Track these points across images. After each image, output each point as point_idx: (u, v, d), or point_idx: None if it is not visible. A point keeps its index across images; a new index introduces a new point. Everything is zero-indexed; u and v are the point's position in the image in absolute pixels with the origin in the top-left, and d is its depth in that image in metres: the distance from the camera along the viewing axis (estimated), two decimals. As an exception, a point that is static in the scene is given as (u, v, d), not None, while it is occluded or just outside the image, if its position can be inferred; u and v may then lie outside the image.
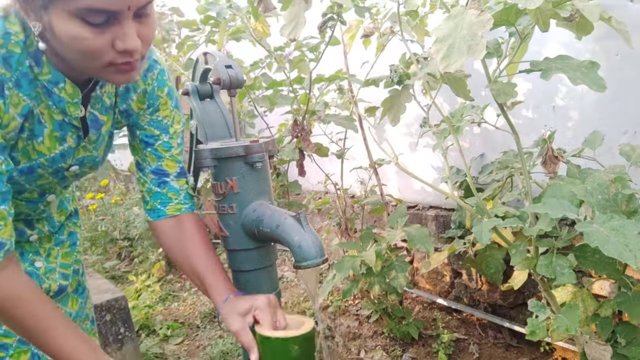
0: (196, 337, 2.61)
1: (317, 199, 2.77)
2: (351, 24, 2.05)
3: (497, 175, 1.76)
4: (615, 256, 1.00)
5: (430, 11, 1.91)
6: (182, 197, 1.14)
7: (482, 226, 1.32)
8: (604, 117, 1.75)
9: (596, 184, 1.21)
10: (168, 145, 1.12)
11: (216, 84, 1.19)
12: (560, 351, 1.95)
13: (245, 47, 2.35)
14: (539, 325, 1.26)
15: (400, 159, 2.32)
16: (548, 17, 1.16)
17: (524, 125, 1.97)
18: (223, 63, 1.18)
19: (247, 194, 1.15)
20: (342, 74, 2.08)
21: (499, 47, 1.35)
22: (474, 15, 1.08)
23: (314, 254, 1.00)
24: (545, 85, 1.86)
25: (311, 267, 1.00)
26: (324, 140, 2.31)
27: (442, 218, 2.37)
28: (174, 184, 1.13)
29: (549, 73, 1.17)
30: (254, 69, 2.18)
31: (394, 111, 1.86)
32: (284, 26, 1.53)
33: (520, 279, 1.80)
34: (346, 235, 2.43)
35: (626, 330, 1.32)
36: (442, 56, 1.10)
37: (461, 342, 2.17)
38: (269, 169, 1.20)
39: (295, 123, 2.03)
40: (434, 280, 2.50)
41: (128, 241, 3.70)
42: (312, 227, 1.05)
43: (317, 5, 1.60)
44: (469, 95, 1.58)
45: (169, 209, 1.12)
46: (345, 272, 1.90)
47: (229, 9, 1.89)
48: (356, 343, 2.29)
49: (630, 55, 1.61)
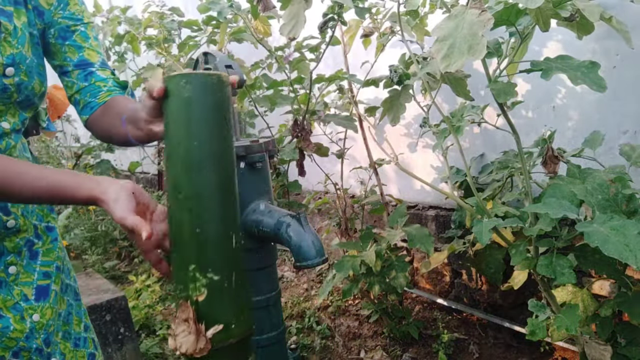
0: (196, 337, 2.61)
1: (317, 199, 2.77)
2: (351, 24, 2.05)
3: (497, 175, 1.76)
4: (615, 256, 1.00)
5: (430, 11, 1.91)
6: (110, 84, 1.09)
7: (482, 226, 1.32)
8: (604, 117, 1.75)
9: (596, 184, 1.21)
10: (85, 34, 1.09)
11: (216, 84, 1.19)
12: (560, 351, 1.95)
13: (247, 48, 2.35)
14: (539, 325, 1.26)
15: (400, 159, 2.32)
16: (549, 17, 1.16)
17: (524, 125, 1.97)
18: (223, 63, 1.18)
19: (247, 194, 1.15)
20: (342, 74, 2.08)
21: (499, 47, 1.35)
22: (474, 14, 1.08)
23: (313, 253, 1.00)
24: (545, 85, 1.86)
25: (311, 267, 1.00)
26: (324, 140, 2.31)
27: (442, 218, 2.37)
28: (99, 73, 1.09)
29: (549, 73, 1.17)
30: (255, 69, 2.18)
31: (394, 111, 1.86)
32: (284, 25, 1.53)
33: (520, 279, 1.80)
34: (346, 235, 2.43)
35: (626, 330, 1.32)
36: (442, 56, 1.10)
37: (461, 342, 2.17)
38: (269, 169, 1.21)
39: (296, 123, 2.03)
40: (434, 280, 2.50)
41: (128, 241, 3.69)
42: (312, 227, 1.05)
43: (317, 5, 1.60)
44: (469, 95, 1.58)
45: (100, 97, 1.07)
46: (345, 272, 1.90)
47: (230, 9, 1.89)
48: (356, 343, 2.29)
49: (631, 55, 1.62)
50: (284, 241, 1.04)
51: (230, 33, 2.09)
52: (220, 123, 0.77)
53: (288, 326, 2.47)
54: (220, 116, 0.77)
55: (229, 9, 1.89)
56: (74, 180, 0.82)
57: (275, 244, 1.23)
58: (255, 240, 1.16)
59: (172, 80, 0.76)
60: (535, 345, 2.00)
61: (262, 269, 1.20)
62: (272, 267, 1.23)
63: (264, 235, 1.11)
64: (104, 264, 3.66)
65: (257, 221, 1.11)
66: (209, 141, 0.76)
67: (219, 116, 0.77)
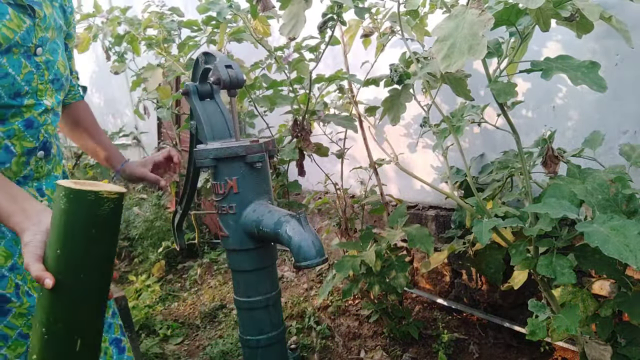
0: (196, 337, 2.61)
1: (317, 199, 2.77)
2: (351, 24, 2.05)
3: (497, 175, 1.76)
4: (615, 256, 1.00)
5: (430, 11, 1.90)
6: (76, 87, 1.38)
7: (482, 226, 1.32)
8: (604, 117, 1.75)
9: (596, 184, 1.21)
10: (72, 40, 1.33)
11: (216, 84, 1.19)
12: (560, 351, 1.95)
13: (246, 48, 2.35)
14: (539, 325, 1.26)
15: (400, 159, 2.31)
16: (549, 16, 1.16)
17: (524, 125, 1.97)
18: (223, 63, 1.18)
19: (247, 194, 1.15)
20: (342, 74, 2.08)
21: (499, 46, 1.35)
22: (474, 14, 1.08)
23: (313, 253, 1.00)
24: (545, 85, 1.86)
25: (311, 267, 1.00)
26: (324, 140, 2.31)
27: (442, 218, 2.37)
28: (73, 80, 1.34)
29: (549, 73, 1.17)
30: (255, 69, 2.18)
31: (394, 111, 1.85)
32: (284, 25, 1.52)
33: (520, 279, 1.80)
34: (346, 235, 2.43)
35: (626, 330, 1.32)
36: (443, 56, 1.10)
37: (461, 342, 2.17)
38: (268, 169, 1.21)
39: (295, 123, 2.03)
40: (434, 280, 2.50)
41: (128, 241, 3.70)
42: (312, 227, 1.05)
43: (316, 5, 1.60)
44: (469, 95, 1.58)
45: (68, 99, 1.35)
46: (345, 272, 1.90)
47: (229, 9, 1.89)
48: (356, 343, 2.29)
49: (631, 54, 1.61)
50: (284, 241, 1.04)
51: (229, 33, 2.09)
52: (87, 238, 0.82)
53: (288, 326, 2.47)
54: (89, 232, 0.82)
55: (228, 9, 1.89)
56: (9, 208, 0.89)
57: (275, 244, 1.23)
58: (255, 240, 1.16)
59: (57, 188, 0.82)
60: (535, 345, 2.00)
61: (262, 269, 1.20)
62: (272, 267, 1.23)
63: (264, 235, 1.11)
64: (104, 264, 3.65)
65: (257, 221, 1.11)
66: (69, 253, 0.81)
67: (87, 231, 0.82)
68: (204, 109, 1.28)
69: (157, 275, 3.34)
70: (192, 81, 1.33)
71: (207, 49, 1.40)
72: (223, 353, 2.34)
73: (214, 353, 2.33)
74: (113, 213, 0.82)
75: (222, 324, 2.68)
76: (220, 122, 1.30)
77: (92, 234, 0.81)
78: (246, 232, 1.15)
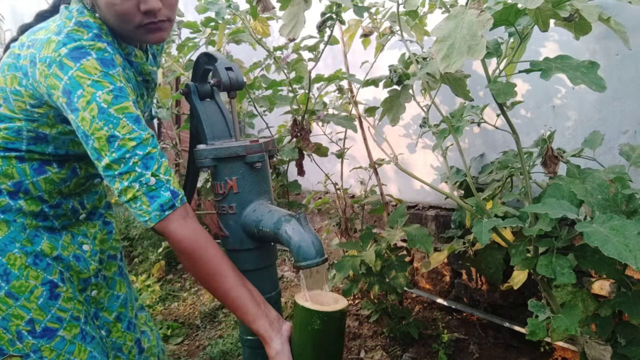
0: (196, 337, 2.61)
1: (317, 199, 2.77)
2: (350, 24, 2.05)
3: (497, 175, 1.76)
4: (615, 256, 1.00)
5: (430, 11, 1.91)
6: None
7: (482, 226, 1.32)
8: (603, 117, 1.75)
9: (596, 184, 1.21)
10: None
11: (216, 86, 1.19)
12: (560, 351, 1.95)
13: (246, 48, 2.35)
14: (539, 325, 1.26)
15: (400, 159, 2.32)
16: (548, 17, 1.16)
17: (524, 125, 1.97)
18: (223, 65, 1.18)
19: (247, 194, 1.15)
20: (341, 73, 2.08)
21: (498, 47, 1.35)
22: (474, 15, 1.08)
23: (313, 253, 1.00)
24: (544, 85, 1.86)
25: (311, 267, 1.00)
26: (324, 140, 2.31)
27: (442, 218, 2.37)
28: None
29: (549, 73, 1.17)
30: (254, 69, 2.18)
31: (394, 111, 1.85)
32: (283, 26, 1.52)
33: (520, 278, 1.80)
34: (346, 235, 2.43)
35: (626, 330, 1.32)
36: (442, 56, 1.10)
37: (461, 342, 2.17)
38: (268, 169, 1.21)
39: (295, 123, 2.03)
40: (434, 280, 2.50)
41: (128, 241, 3.70)
42: (312, 227, 1.05)
43: (316, 5, 1.60)
44: (468, 95, 1.58)
45: None
46: (345, 272, 1.90)
47: (229, 9, 1.89)
48: (356, 343, 2.29)
49: (631, 55, 1.62)
50: (284, 241, 1.04)
51: (228, 34, 2.09)
52: (338, 348, 1.03)
53: (288, 326, 2.47)
54: (339, 342, 1.03)
55: (227, 9, 1.89)
56: (255, 311, 1.01)
57: (275, 244, 1.23)
58: (255, 240, 1.16)
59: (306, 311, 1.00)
60: (535, 345, 2.00)
61: (262, 269, 1.20)
62: (272, 267, 1.23)
63: (264, 235, 1.11)
64: (104, 264, 3.65)
65: (256, 221, 1.11)
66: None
67: (337, 343, 1.03)
68: (204, 109, 1.28)
69: (157, 275, 3.34)
70: (192, 81, 1.33)
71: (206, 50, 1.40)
72: (223, 353, 2.34)
73: (214, 353, 2.33)
74: (325, 325, 0.98)
75: (222, 324, 2.68)
76: (220, 122, 1.30)
77: (339, 342, 1.01)
78: (246, 232, 1.15)
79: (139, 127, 0.98)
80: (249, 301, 1.01)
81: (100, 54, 0.98)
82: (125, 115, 0.96)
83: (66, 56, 0.95)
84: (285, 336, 1.01)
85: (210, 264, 1.00)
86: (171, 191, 0.98)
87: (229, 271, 1.02)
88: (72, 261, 1.18)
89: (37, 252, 1.11)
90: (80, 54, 0.96)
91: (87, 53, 0.97)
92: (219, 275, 1.01)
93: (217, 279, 1.01)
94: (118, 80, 0.98)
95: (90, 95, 0.94)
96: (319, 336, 0.97)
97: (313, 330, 0.97)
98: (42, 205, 1.12)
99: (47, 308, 1.10)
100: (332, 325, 0.98)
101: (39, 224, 1.13)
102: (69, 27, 1.00)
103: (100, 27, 1.03)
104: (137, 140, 0.96)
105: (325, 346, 0.99)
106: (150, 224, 0.97)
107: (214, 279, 1.01)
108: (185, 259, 1.00)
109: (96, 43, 0.99)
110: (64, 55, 0.95)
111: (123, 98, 0.97)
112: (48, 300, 1.10)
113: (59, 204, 1.16)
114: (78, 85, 0.94)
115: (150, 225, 0.98)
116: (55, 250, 1.15)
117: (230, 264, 1.03)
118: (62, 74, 0.95)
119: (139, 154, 0.96)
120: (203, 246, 1.00)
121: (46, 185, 1.11)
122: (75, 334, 1.13)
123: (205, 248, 1.00)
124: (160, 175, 0.98)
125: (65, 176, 1.14)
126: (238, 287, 1.01)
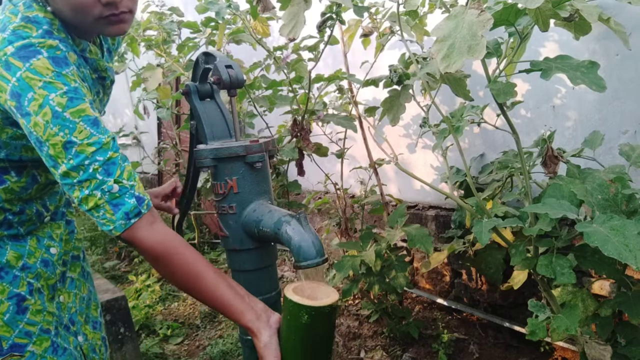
0: (196, 337, 2.61)
1: (317, 199, 2.77)
2: (350, 24, 2.05)
3: (497, 175, 1.76)
4: (615, 256, 1.00)
5: (430, 11, 1.90)
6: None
7: (482, 226, 1.32)
8: (603, 117, 1.75)
9: (596, 184, 1.21)
10: None
11: (216, 84, 1.19)
12: (560, 351, 1.95)
13: (246, 48, 2.35)
14: (539, 325, 1.26)
15: (400, 159, 2.32)
16: (548, 17, 1.16)
17: (524, 125, 1.97)
18: (223, 63, 1.18)
19: (247, 194, 1.15)
20: (341, 73, 2.08)
21: (498, 47, 1.35)
22: (474, 15, 1.08)
23: (314, 253, 1.00)
24: (544, 85, 1.86)
25: (311, 267, 1.00)
26: (324, 140, 2.31)
27: (442, 218, 2.37)
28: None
29: (549, 73, 1.17)
30: (254, 69, 2.18)
31: (394, 111, 1.86)
32: (283, 26, 1.52)
33: (520, 278, 1.80)
34: (346, 235, 2.43)
35: (626, 330, 1.32)
36: (442, 56, 1.10)
37: (461, 342, 2.17)
38: (268, 169, 1.20)
39: (295, 123, 2.03)
40: (434, 280, 2.50)
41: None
42: (312, 227, 1.05)
43: (316, 5, 1.60)
44: (468, 95, 1.58)
45: None
46: (345, 272, 1.90)
47: (228, 9, 1.89)
48: (356, 343, 2.29)
49: (631, 55, 1.62)
50: (284, 241, 1.04)
51: (229, 34, 2.09)
52: (327, 343, 1.00)
53: (288, 326, 2.47)
54: (328, 338, 1.00)
55: (227, 9, 1.89)
56: (240, 305, 0.96)
57: (275, 244, 1.23)
58: (255, 240, 1.15)
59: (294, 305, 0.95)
60: (535, 345, 2.00)
61: (262, 269, 1.20)
62: (272, 267, 1.23)
63: (264, 235, 1.11)
64: (104, 263, 3.66)
65: (257, 221, 1.11)
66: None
67: (327, 338, 1.00)
68: (204, 109, 1.28)
69: (157, 275, 3.34)
70: (192, 81, 1.33)
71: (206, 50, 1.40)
72: (223, 353, 2.34)
73: (214, 353, 2.33)
74: (314, 321, 0.95)
75: (222, 324, 2.68)
76: (220, 122, 1.30)
77: (329, 337, 0.99)
78: (246, 232, 1.15)
79: (97, 130, 0.90)
80: (232, 297, 0.96)
81: (52, 52, 0.90)
82: (82, 119, 0.89)
83: (13, 55, 0.88)
84: (274, 328, 0.97)
85: (188, 266, 0.95)
86: (136, 197, 0.93)
87: (208, 271, 0.97)
88: (40, 268, 1.11)
89: (2, 265, 1.05)
90: (30, 52, 0.88)
91: (37, 51, 0.89)
92: (199, 277, 0.96)
93: (198, 281, 0.96)
94: (72, 81, 0.91)
95: (42, 98, 0.87)
96: (306, 331, 0.94)
97: (301, 325, 0.94)
98: (4, 214, 1.06)
99: (15, 323, 1.05)
100: (320, 320, 0.94)
101: (4, 233, 1.07)
102: (15, 23, 0.91)
103: (52, 22, 0.95)
104: (97, 145, 0.90)
105: (313, 340, 0.96)
106: (115, 233, 0.92)
107: (195, 281, 0.96)
108: (162, 265, 0.95)
109: (47, 40, 0.91)
110: (10, 55, 0.88)
111: (79, 100, 0.90)
112: (15, 315, 1.05)
113: (22, 210, 1.09)
114: (28, 88, 0.87)
115: (115, 234, 0.92)
116: (21, 259, 1.09)
117: (207, 262, 0.99)
118: (9, 75, 0.87)
119: (99, 160, 0.90)
120: (179, 250, 0.95)
121: (6, 195, 1.04)
122: (46, 347, 1.08)
123: (181, 252, 0.95)
124: (123, 182, 0.92)
125: (26, 184, 1.07)
126: (220, 285, 0.97)
